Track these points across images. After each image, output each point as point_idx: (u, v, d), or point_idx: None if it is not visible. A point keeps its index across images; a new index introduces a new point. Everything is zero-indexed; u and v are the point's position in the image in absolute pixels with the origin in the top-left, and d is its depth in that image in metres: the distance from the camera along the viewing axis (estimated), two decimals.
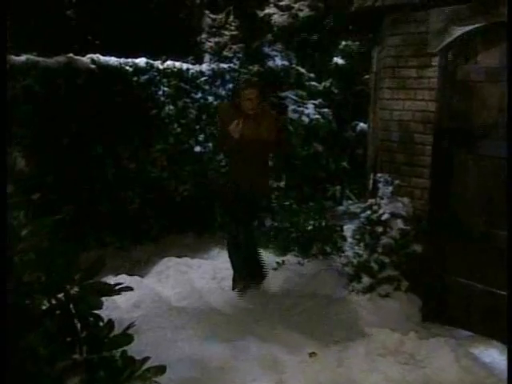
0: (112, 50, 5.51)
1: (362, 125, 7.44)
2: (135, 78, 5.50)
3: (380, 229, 3.78)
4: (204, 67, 6.13)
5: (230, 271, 4.56)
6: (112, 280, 4.22)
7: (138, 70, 5.53)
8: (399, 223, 3.74)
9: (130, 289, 1.66)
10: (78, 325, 1.57)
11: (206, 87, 6.04)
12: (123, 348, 1.63)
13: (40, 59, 4.82)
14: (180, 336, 3.31)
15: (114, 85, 5.28)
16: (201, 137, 5.99)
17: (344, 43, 7.39)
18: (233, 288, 4.29)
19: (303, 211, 5.58)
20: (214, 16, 7.33)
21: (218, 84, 6.16)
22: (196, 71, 5.97)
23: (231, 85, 6.12)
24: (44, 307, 1.53)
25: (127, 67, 5.44)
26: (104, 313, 3.61)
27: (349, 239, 4.60)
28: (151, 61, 5.66)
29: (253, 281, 4.26)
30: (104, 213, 5.19)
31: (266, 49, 6.60)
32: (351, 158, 7.98)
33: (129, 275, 4.29)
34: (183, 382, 2.72)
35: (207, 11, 7.42)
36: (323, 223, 5.35)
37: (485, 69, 3.27)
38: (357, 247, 4.02)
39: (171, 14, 6.79)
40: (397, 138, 3.95)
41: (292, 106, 6.64)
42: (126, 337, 1.56)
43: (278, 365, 3.07)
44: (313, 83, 7.20)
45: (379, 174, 3.98)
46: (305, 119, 6.59)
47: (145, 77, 5.56)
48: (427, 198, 3.75)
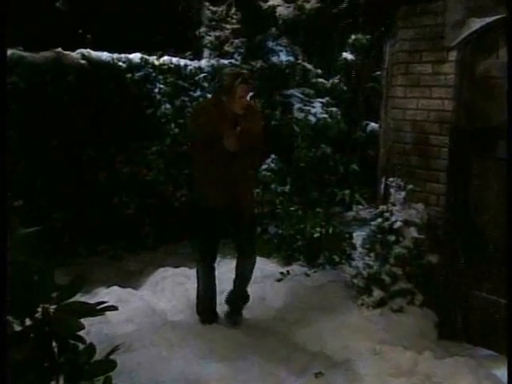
0: (104, 45, 5.51)
1: (373, 125, 7.43)
2: (129, 75, 5.51)
3: (392, 238, 3.73)
4: (203, 63, 6.15)
5: (230, 282, 4.45)
6: (103, 292, 4.22)
7: (132, 66, 5.55)
8: (413, 232, 3.69)
9: (115, 308, 1.58)
10: (56, 349, 1.49)
11: (206, 85, 6.04)
12: (107, 374, 1.56)
13: (26, 54, 4.81)
14: (175, 354, 3.27)
15: (107, 82, 5.29)
16: None
17: (354, 37, 7.38)
18: (198, 312, 3.97)
19: (309, 217, 5.54)
20: (215, 8, 7.31)
21: None
22: (194, 67, 6.00)
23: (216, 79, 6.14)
24: (17, 329, 1.46)
25: (120, 63, 5.44)
26: (93, 328, 3.55)
27: (358, 248, 4.56)
28: (146, 56, 5.68)
29: (233, 308, 4.01)
30: (96, 220, 5.17)
31: (270, 43, 6.59)
32: (361, 161, 7.97)
33: (121, 287, 4.27)
34: None
35: (207, 3, 7.40)
36: (331, 230, 5.31)
37: (506, 64, 3.20)
38: (367, 257, 3.98)
39: (168, 6, 6.79)
40: (410, 140, 3.91)
41: (298, 105, 6.64)
42: (109, 363, 1.49)
43: None
44: (320, 80, 7.19)
45: (391, 178, 3.94)
46: (311, 119, 6.58)
47: (139, 73, 5.57)
48: (443, 205, 3.69)
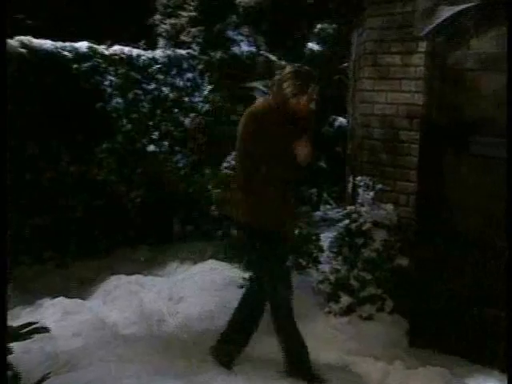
0: (47, 32, 5.33)
1: (341, 119, 7.45)
2: (75, 66, 5.34)
3: (360, 240, 3.73)
4: (158, 53, 6.04)
5: (190, 290, 4.48)
6: (48, 303, 4.09)
7: (79, 56, 5.39)
8: (382, 234, 3.71)
9: (46, 330, 1.47)
10: None
11: (161, 77, 5.95)
12: None
13: None
14: (127, 371, 3.17)
15: (50, 73, 5.11)
16: (155, 134, 5.88)
17: (319, 26, 7.38)
18: (217, 354, 3.44)
19: None
20: None
21: (175, 73, 6.06)
22: (148, 58, 5.88)
23: (190, 74, 6.06)
24: None
25: (66, 52, 5.29)
26: (35, 345, 3.38)
27: (326, 252, 4.55)
28: (95, 45, 5.53)
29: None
30: (40, 224, 5.01)
31: (231, 33, 6.51)
32: (329, 158, 7.99)
33: (68, 297, 4.16)
34: None
35: None
36: (297, 232, 5.27)
37: (479, 55, 3.22)
38: (334, 261, 3.98)
39: None
40: (379, 136, 3.90)
41: (261, 99, 6.53)
42: None
43: None
44: None
45: (359, 177, 3.93)
46: None
47: (87, 64, 5.43)
48: (414, 205, 3.69)
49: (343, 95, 6.09)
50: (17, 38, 4.96)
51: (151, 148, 5.83)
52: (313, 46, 7.38)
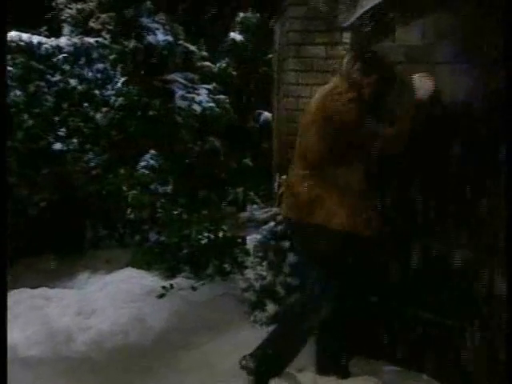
0: None
1: (267, 114, 7.48)
2: None
3: (286, 244, 3.70)
4: (62, 41, 5.94)
5: (103, 302, 4.36)
6: None
7: None
8: None
9: None
10: None
11: (67, 67, 5.84)
12: None
13: None
14: None
15: None
16: (62, 131, 5.72)
17: (242, 15, 7.38)
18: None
19: (195, 221, 5.45)
20: None
21: (83, 63, 5.95)
22: (52, 46, 5.79)
23: (101, 65, 5.90)
24: None
25: None
26: None
27: (251, 257, 4.51)
28: None
29: None
30: None
31: (145, 20, 6.37)
32: (255, 155, 8.02)
33: None
34: None
35: None
36: (221, 235, 5.26)
37: (404, 47, 3.25)
38: (259, 267, 3.94)
39: None
40: None
41: (180, 92, 6.51)
42: None
43: None
44: (206, 64, 7.10)
45: (285, 176, 3.88)
46: (196, 108, 6.49)
47: None
48: None
49: (268, 88, 6.11)
50: None
51: (58, 146, 5.65)
52: (235, 36, 7.37)
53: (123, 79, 6.13)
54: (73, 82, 5.88)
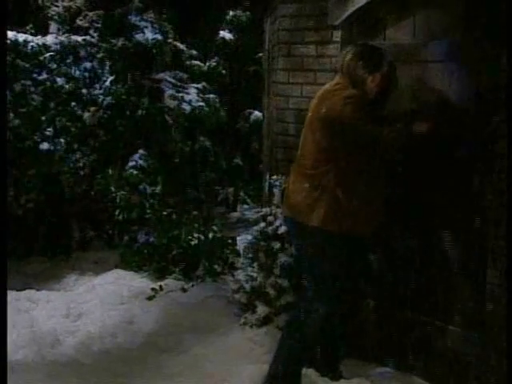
0: None
1: (257, 114, 7.50)
2: None
3: (277, 245, 3.66)
4: (49, 40, 5.89)
5: (91, 304, 4.35)
6: None
7: None
8: None
9: None
10: None
11: (54, 66, 5.79)
12: None
13: None
14: None
15: None
16: (49, 130, 5.67)
17: (232, 13, 7.38)
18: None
19: (185, 222, 5.46)
20: None
21: (70, 62, 5.91)
22: (38, 45, 5.73)
23: (89, 63, 5.87)
24: None
25: None
26: None
27: (241, 258, 4.51)
28: None
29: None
30: None
31: (134, 18, 6.34)
32: (245, 154, 8.03)
33: None
34: None
35: None
36: (211, 235, 5.26)
37: (394, 46, 3.24)
38: (250, 268, 3.92)
39: None
40: (295, 132, 3.83)
41: (169, 91, 6.48)
42: None
43: None
44: (195, 62, 7.09)
45: (274, 176, 3.88)
46: (186, 107, 6.45)
47: None
48: None
49: (259, 87, 6.10)
50: None
51: (45, 146, 5.61)
52: (225, 35, 7.36)
53: (111, 78, 6.09)
54: (60, 81, 5.83)
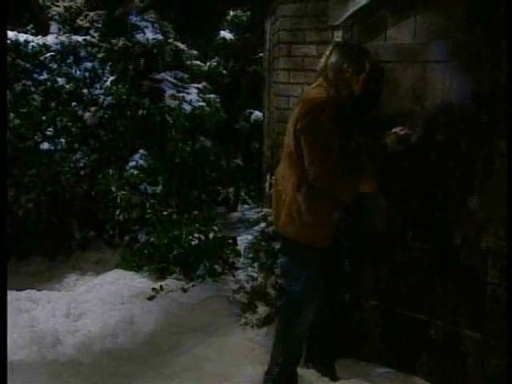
0: None
1: (258, 113, 7.47)
2: None
3: (277, 245, 3.66)
4: (50, 40, 5.87)
5: (91, 304, 4.35)
6: None
7: None
8: None
9: None
10: None
11: (54, 66, 5.77)
12: None
13: None
14: None
15: None
16: (49, 130, 5.66)
17: (232, 13, 7.36)
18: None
19: (186, 222, 5.44)
20: None
21: (71, 62, 5.89)
22: (39, 45, 5.73)
23: (89, 63, 5.86)
24: None
25: None
26: None
27: (242, 258, 4.51)
28: None
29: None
30: None
31: (134, 18, 6.33)
32: (246, 154, 8.00)
33: None
34: None
35: None
36: (211, 235, 5.24)
37: (395, 46, 3.25)
38: (250, 268, 3.93)
39: None
40: None
41: (170, 91, 6.45)
42: None
43: None
44: (195, 62, 7.08)
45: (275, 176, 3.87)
46: (186, 107, 6.42)
47: None
48: None
49: (259, 87, 6.09)
50: None
51: (45, 146, 5.60)
52: (225, 35, 7.34)
53: (112, 78, 6.08)
54: (60, 81, 5.82)
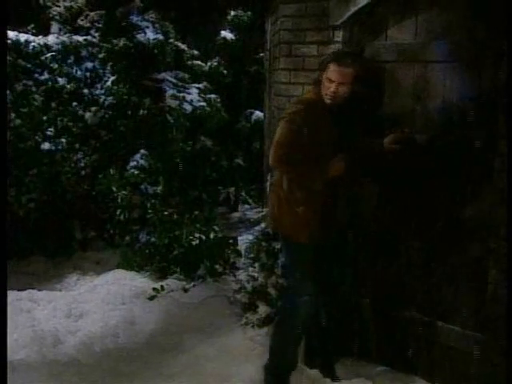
0: None
1: (258, 113, 7.46)
2: None
3: (278, 245, 3.66)
4: (51, 40, 5.87)
5: (92, 304, 4.33)
6: None
7: None
8: None
9: None
10: None
11: (55, 66, 5.77)
12: None
13: None
14: None
15: None
16: (50, 130, 5.65)
17: (233, 13, 7.34)
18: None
19: (187, 222, 5.41)
20: None
21: (72, 62, 5.89)
22: (39, 45, 5.73)
23: (90, 63, 5.85)
24: None
25: None
26: None
27: (242, 258, 4.51)
28: None
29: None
30: None
31: (135, 18, 6.32)
32: (247, 154, 7.98)
33: None
34: None
35: None
36: (212, 235, 5.22)
37: (396, 46, 3.23)
38: (251, 268, 3.95)
39: None
40: None
41: (171, 91, 6.46)
42: None
43: None
44: (196, 62, 7.07)
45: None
46: (187, 107, 6.43)
47: None
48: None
49: (260, 87, 6.07)
50: None
51: (46, 146, 5.59)
52: (226, 35, 7.33)
53: (113, 78, 6.07)
54: (61, 81, 5.82)
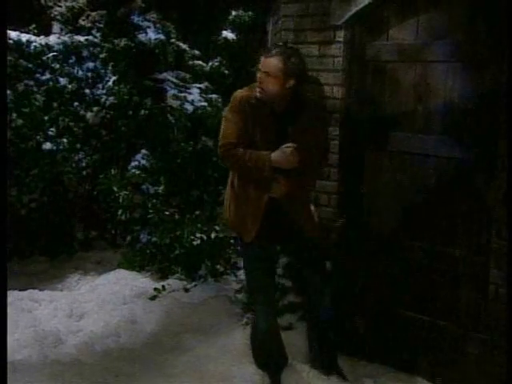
0: None
1: None
2: None
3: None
4: (52, 40, 5.86)
5: (93, 304, 4.33)
6: None
7: None
8: None
9: None
10: None
11: (56, 66, 5.74)
12: None
13: None
14: None
15: None
16: (51, 130, 5.62)
17: (234, 13, 7.33)
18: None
19: (188, 222, 5.40)
20: None
21: (73, 62, 5.87)
22: (41, 45, 5.71)
23: (91, 63, 5.85)
24: None
25: None
26: None
27: None
28: None
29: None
30: None
31: (136, 18, 6.32)
32: None
33: None
34: None
35: None
36: (213, 235, 5.22)
37: (397, 46, 3.24)
38: None
39: None
40: None
41: (172, 91, 6.44)
42: None
43: None
44: (197, 62, 7.05)
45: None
46: (188, 107, 6.41)
47: None
48: (336, 205, 3.66)
49: None
50: None
51: (47, 146, 5.56)
52: (227, 35, 7.31)
53: (114, 78, 6.06)
54: (63, 81, 5.79)
